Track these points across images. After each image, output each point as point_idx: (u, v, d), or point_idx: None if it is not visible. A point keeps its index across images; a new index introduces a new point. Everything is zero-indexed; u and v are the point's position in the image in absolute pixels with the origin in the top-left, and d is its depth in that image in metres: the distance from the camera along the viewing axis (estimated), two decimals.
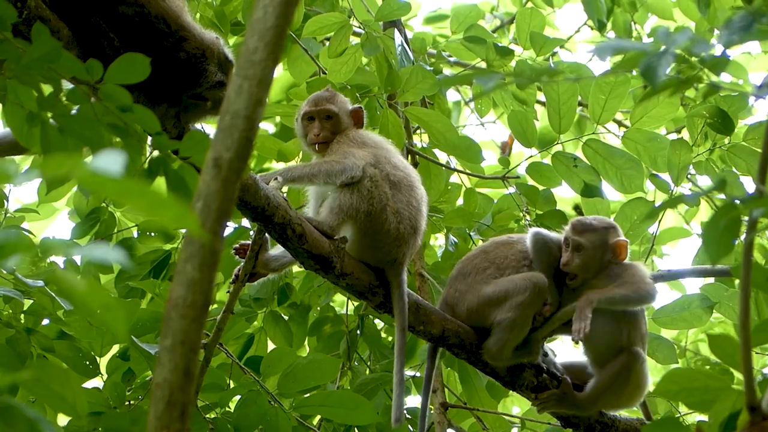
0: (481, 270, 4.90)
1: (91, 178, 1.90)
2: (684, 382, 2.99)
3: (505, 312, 4.77)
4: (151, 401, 2.32)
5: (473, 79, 2.86)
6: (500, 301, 4.80)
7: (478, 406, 5.78)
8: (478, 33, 6.40)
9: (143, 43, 4.10)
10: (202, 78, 4.27)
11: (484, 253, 4.97)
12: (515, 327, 4.77)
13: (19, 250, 2.03)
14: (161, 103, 4.21)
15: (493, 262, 4.90)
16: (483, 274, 4.88)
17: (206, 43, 4.29)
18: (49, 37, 3.17)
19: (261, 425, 5.00)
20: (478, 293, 4.85)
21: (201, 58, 4.26)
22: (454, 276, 4.99)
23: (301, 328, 6.01)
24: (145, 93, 4.12)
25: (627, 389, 4.83)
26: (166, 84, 4.18)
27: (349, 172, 4.71)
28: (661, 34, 2.71)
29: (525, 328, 4.79)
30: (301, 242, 4.55)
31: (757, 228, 2.70)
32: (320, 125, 4.97)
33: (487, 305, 4.82)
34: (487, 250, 4.99)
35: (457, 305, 4.90)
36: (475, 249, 5.11)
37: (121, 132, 3.16)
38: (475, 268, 4.92)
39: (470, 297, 4.87)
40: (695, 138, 5.74)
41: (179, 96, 4.26)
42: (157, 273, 5.97)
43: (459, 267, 5.00)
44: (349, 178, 4.71)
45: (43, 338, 4.77)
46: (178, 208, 1.95)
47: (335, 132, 4.96)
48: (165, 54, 4.15)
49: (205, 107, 4.37)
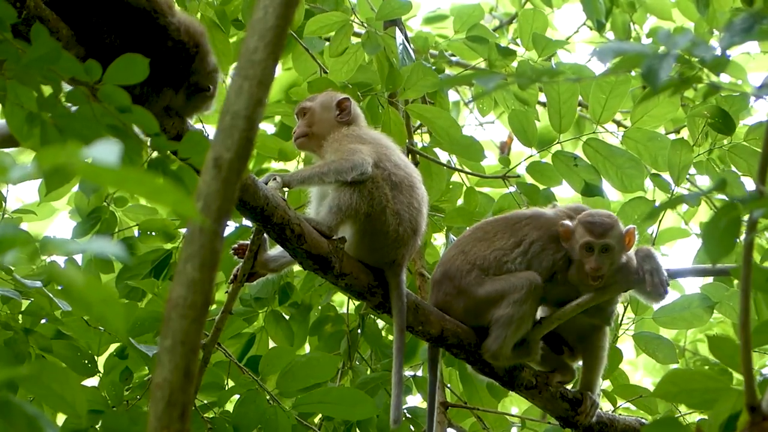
0: (466, 272, 4.86)
1: (88, 168, 1.90)
2: (684, 384, 2.99)
3: (502, 309, 4.76)
4: (151, 401, 2.32)
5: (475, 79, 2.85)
6: (496, 299, 4.79)
7: (479, 406, 5.79)
8: (481, 33, 6.40)
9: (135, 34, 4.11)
10: (197, 63, 4.28)
11: (462, 254, 4.91)
12: (513, 323, 4.76)
13: (17, 244, 2.03)
14: (166, 90, 4.22)
15: (474, 263, 4.86)
16: (469, 276, 4.86)
17: (193, 30, 4.29)
18: (48, 37, 3.17)
19: (260, 424, 5.00)
20: (471, 294, 4.83)
21: (191, 45, 4.27)
22: (437, 279, 4.95)
23: (302, 328, 6.00)
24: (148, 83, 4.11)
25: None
26: (165, 73, 4.18)
27: (359, 168, 4.71)
28: (662, 35, 2.71)
29: (522, 325, 4.78)
30: (299, 242, 4.55)
31: (757, 228, 2.70)
32: (299, 123, 5.02)
33: (483, 304, 4.81)
34: (464, 249, 4.92)
35: (450, 308, 4.87)
36: (452, 248, 5.03)
37: (120, 133, 3.16)
38: (459, 271, 4.87)
39: (463, 299, 4.85)
40: (696, 138, 5.73)
41: (180, 84, 4.27)
42: (157, 272, 5.97)
43: (441, 271, 4.95)
44: (359, 174, 4.71)
45: (42, 338, 4.77)
46: (177, 194, 1.94)
47: (311, 124, 4.98)
48: (155, 42, 4.16)
49: (206, 95, 4.37)
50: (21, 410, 2.16)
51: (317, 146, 4.95)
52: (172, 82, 4.24)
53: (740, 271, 2.71)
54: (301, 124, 5.02)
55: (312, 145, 4.99)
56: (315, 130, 4.99)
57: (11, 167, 2.00)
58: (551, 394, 4.98)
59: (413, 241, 4.82)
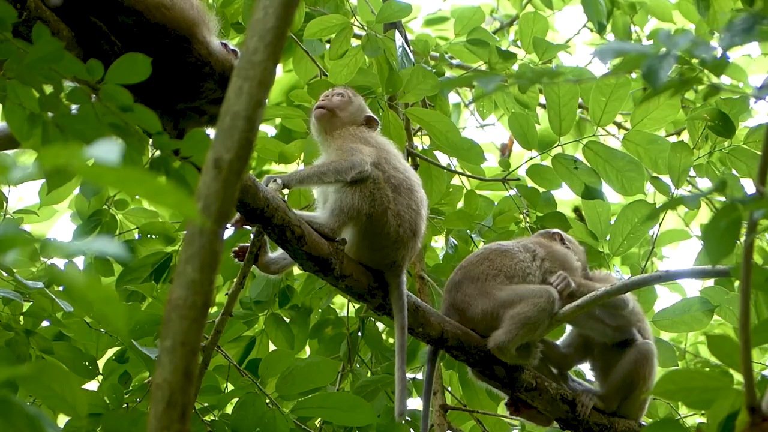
0: (492, 276, 4.96)
1: (89, 167, 1.90)
2: (682, 382, 2.99)
3: (520, 308, 4.82)
4: (152, 402, 2.32)
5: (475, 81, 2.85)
6: (516, 301, 4.85)
7: (478, 409, 5.78)
8: (481, 35, 6.41)
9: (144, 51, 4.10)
10: (199, 93, 4.23)
11: (487, 260, 5.03)
12: (527, 324, 4.81)
13: (17, 244, 2.03)
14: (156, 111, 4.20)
15: (501, 270, 4.98)
16: (495, 280, 4.94)
17: (214, 56, 4.21)
18: (50, 37, 3.17)
19: (259, 428, 5.00)
20: (493, 296, 4.90)
21: (202, 72, 4.20)
22: (457, 281, 5.01)
23: (302, 331, 6.00)
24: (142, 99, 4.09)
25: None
26: (163, 93, 4.15)
27: (358, 167, 4.72)
28: (662, 36, 2.71)
29: (535, 330, 4.84)
30: (300, 244, 4.55)
31: (757, 230, 2.70)
32: (331, 97, 5.02)
33: (502, 307, 4.87)
34: (489, 257, 5.05)
35: (468, 309, 4.92)
36: (474, 256, 5.12)
37: (121, 132, 3.16)
38: (484, 274, 4.96)
39: (484, 300, 4.90)
40: (696, 140, 5.73)
41: (175, 106, 4.23)
42: (158, 275, 5.97)
43: (463, 273, 5.03)
44: (358, 173, 4.71)
45: (42, 340, 4.77)
46: (178, 195, 1.94)
47: (336, 109, 4.98)
48: (165, 64, 4.12)
49: (200, 120, 4.33)
50: (22, 410, 2.16)
51: (329, 127, 4.96)
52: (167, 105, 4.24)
53: (740, 271, 2.71)
54: (334, 100, 5.03)
55: (326, 123, 4.98)
56: (340, 114, 5.00)
57: (12, 168, 2.00)
58: (551, 396, 4.98)
59: (413, 242, 4.82)
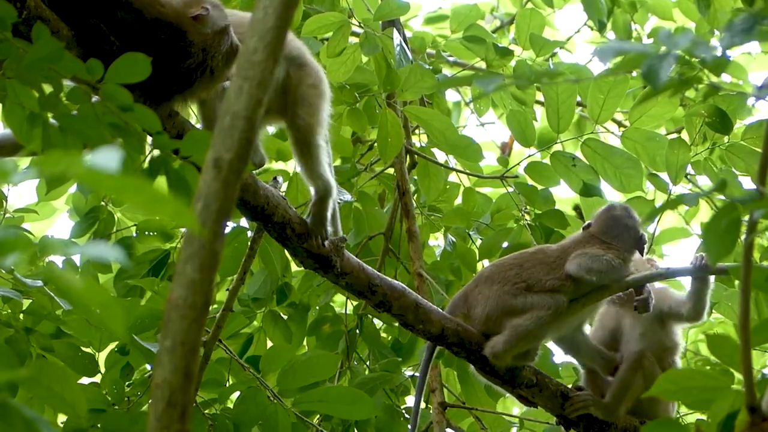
0: (511, 284, 4.91)
1: (89, 174, 1.90)
2: (682, 382, 2.99)
3: (523, 320, 4.81)
4: (151, 402, 2.32)
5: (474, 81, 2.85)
6: (521, 312, 4.83)
7: (477, 406, 5.78)
8: (478, 33, 6.39)
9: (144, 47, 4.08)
10: (197, 81, 4.24)
11: (519, 267, 4.96)
12: (527, 336, 4.82)
13: (18, 247, 2.03)
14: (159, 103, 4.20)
15: (526, 280, 4.91)
16: (512, 288, 4.90)
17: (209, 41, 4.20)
18: (50, 37, 3.17)
19: (260, 421, 5.01)
20: (502, 303, 4.88)
21: (200, 63, 4.20)
22: (482, 277, 5.00)
23: (300, 328, 6.00)
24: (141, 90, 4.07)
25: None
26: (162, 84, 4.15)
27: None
28: (662, 35, 2.71)
29: (534, 342, 4.86)
30: (300, 241, 4.55)
31: (757, 229, 2.70)
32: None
33: (506, 315, 4.85)
34: (523, 265, 4.97)
35: (476, 306, 4.91)
36: (512, 257, 5.08)
37: (121, 131, 3.16)
38: (505, 279, 4.92)
39: (493, 304, 4.89)
40: (694, 137, 5.73)
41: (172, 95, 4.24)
42: (156, 272, 5.96)
43: (489, 271, 5.01)
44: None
45: (42, 338, 4.77)
46: (176, 204, 1.94)
47: None
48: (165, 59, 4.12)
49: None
50: (20, 413, 2.15)
51: None
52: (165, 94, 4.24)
53: (740, 270, 2.72)
54: None
55: None
56: None
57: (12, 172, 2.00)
58: (552, 392, 4.98)
59: None
